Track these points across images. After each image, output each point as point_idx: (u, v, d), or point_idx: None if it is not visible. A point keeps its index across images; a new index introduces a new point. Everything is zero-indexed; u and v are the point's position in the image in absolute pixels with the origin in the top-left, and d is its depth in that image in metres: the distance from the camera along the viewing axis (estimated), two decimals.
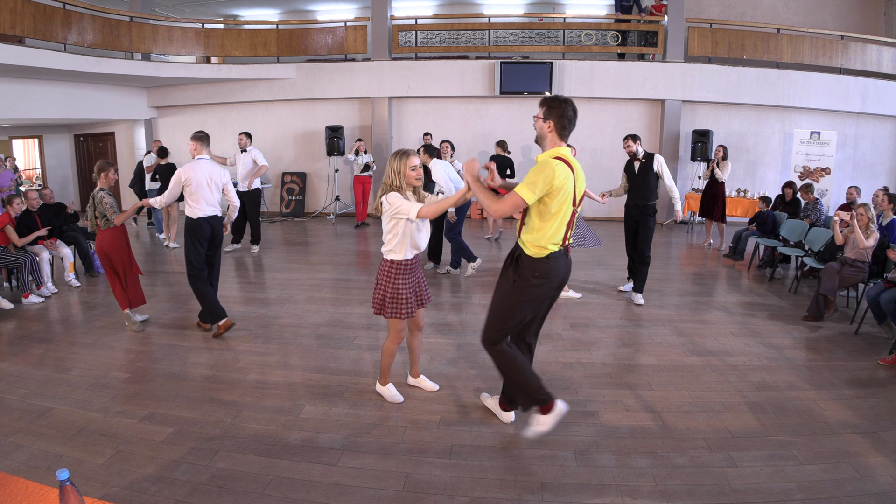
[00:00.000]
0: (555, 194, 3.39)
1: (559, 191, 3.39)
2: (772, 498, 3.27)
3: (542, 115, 3.61)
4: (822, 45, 12.74)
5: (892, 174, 13.34)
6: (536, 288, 3.57)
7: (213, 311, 5.93)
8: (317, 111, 13.97)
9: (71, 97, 12.17)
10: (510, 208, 3.45)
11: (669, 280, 8.14)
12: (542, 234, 3.49)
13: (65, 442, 3.83)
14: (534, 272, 3.54)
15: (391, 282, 4.08)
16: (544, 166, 3.39)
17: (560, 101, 3.59)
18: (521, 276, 3.58)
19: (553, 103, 3.59)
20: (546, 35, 13.16)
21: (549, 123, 3.58)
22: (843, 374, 5.04)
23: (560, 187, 3.38)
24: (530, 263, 3.55)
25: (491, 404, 4.31)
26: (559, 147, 3.57)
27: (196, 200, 5.82)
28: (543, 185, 3.36)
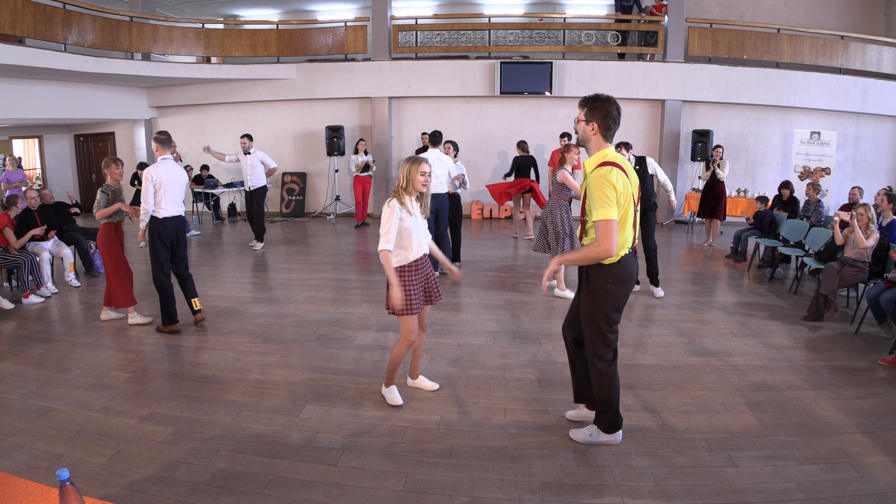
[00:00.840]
0: (619, 200, 3.31)
1: (622, 196, 3.31)
2: (772, 498, 3.27)
3: (583, 116, 3.50)
4: (822, 45, 12.74)
5: (892, 174, 13.35)
6: (614, 293, 3.50)
7: (169, 313, 6.02)
8: (317, 111, 13.98)
9: (71, 97, 12.18)
10: (611, 237, 3.26)
11: (670, 280, 8.14)
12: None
13: (65, 442, 3.83)
14: (608, 278, 3.45)
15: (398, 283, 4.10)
16: (603, 178, 3.28)
17: (602, 101, 3.48)
18: (596, 286, 3.49)
19: (595, 104, 3.48)
20: (546, 35, 13.16)
21: (592, 125, 3.48)
22: (843, 374, 5.03)
23: (622, 193, 3.30)
24: (603, 271, 3.46)
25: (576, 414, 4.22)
26: (605, 149, 3.46)
27: (161, 201, 5.88)
28: (613, 194, 3.27)
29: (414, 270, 4.14)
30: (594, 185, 3.31)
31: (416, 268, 4.15)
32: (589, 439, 3.82)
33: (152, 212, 5.88)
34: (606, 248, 3.26)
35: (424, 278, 4.25)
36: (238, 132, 14.20)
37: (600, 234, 3.28)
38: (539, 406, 4.39)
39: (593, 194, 3.31)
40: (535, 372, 5.00)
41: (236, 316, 6.55)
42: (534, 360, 5.27)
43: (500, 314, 6.58)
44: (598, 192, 3.27)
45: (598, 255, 3.30)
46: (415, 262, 4.13)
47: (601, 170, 3.32)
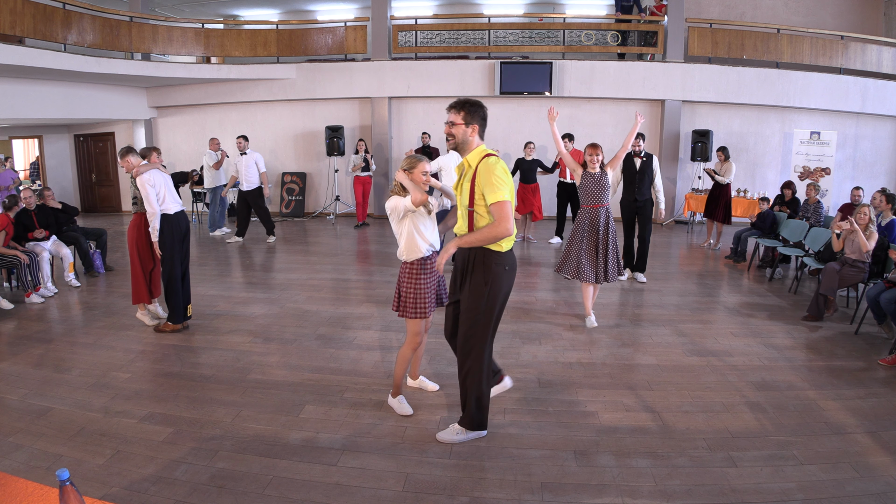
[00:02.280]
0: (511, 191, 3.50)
1: (510, 189, 3.50)
2: (772, 498, 3.28)
3: (462, 119, 3.59)
4: (822, 45, 12.74)
5: (892, 174, 13.34)
6: (508, 281, 3.64)
7: (181, 311, 6.08)
8: (317, 111, 13.97)
9: (71, 97, 12.17)
10: (509, 217, 3.43)
11: (669, 280, 8.14)
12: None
13: (65, 442, 3.83)
14: (504, 266, 3.57)
15: (412, 282, 4.08)
16: (492, 167, 3.46)
17: (479, 106, 3.65)
18: (494, 275, 3.55)
19: (474, 108, 3.62)
20: (546, 35, 13.16)
21: (472, 127, 3.60)
22: (843, 374, 5.04)
23: (509, 181, 3.49)
24: (500, 259, 3.56)
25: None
26: (482, 146, 3.64)
27: (165, 200, 5.93)
28: (502, 180, 3.43)
29: (426, 271, 4.10)
30: (484, 173, 3.46)
31: (428, 268, 4.11)
32: (456, 438, 3.86)
33: (161, 211, 5.88)
34: (507, 227, 3.42)
35: (436, 281, 4.23)
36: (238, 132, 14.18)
37: (498, 215, 3.43)
38: (539, 406, 4.39)
39: (484, 181, 3.45)
40: (535, 372, 5.01)
41: (236, 316, 6.55)
42: (534, 360, 5.27)
43: None
44: (489, 178, 3.43)
45: (498, 234, 3.43)
46: (427, 259, 4.10)
47: (488, 160, 3.51)
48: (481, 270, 3.56)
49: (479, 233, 3.48)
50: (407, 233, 4.01)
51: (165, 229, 5.93)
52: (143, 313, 6.36)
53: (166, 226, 5.93)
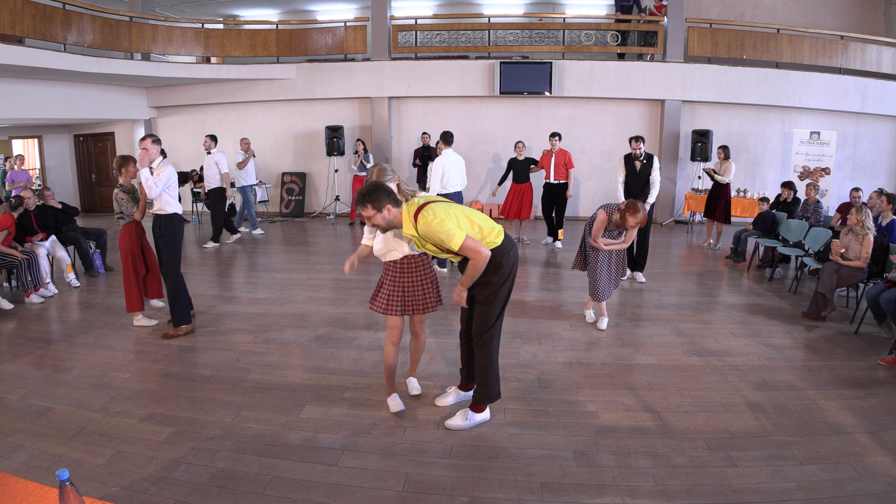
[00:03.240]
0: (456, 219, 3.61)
1: (452, 213, 3.62)
2: (772, 498, 3.28)
3: (373, 210, 3.58)
4: (822, 45, 12.74)
5: (891, 174, 13.34)
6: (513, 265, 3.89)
7: (186, 312, 6.07)
8: (316, 111, 13.97)
9: (71, 97, 12.16)
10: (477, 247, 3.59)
11: (669, 280, 8.14)
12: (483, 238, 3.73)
13: (65, 442, 3.83)
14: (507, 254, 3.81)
15: (384, 277, 4.18)
16: (430, 222, 3.53)
17: (374, 187, 3.61)
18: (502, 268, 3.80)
19: (372, 195, 3.57)
20: (546, 35, 13.16)
21: (386, 209, 3.59)
22: (842, 373, 5.04)
23: (451, 212, 3.62)
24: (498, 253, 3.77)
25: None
26: (405, 206, 3.67)
27: (174, 196, 5.97)
28: (448, 223, 3.54)
29: (399, 272, 4.12)
30: (430, 233, 3.55)
31: (400, 270, 4.12)
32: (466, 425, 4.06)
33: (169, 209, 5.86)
34: (482, 256, 3.61)
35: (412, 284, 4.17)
36: (237, 132, 14.26)
37: (467, 254, 3.61)
38: (539, 406, 4.39)
39: (436, 238, 3.55)
40: (535, 372, 5.01)
41: (236, 316, 6.56)
42: (533, 360, 5.28)
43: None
44: (439, 233, 3.52)
45: (479, 265, 3.65)
46: (396, 262, 4.11)
47: (422, 216, 3.56)
48: (492, 271, 3.77)
49: (468, 273, 3.72)
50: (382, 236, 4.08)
51: (177, 229, 5.93)
52: (140, 318, 6.32)
53: (177, 225, 5.92)
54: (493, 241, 3.74)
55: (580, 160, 13.21)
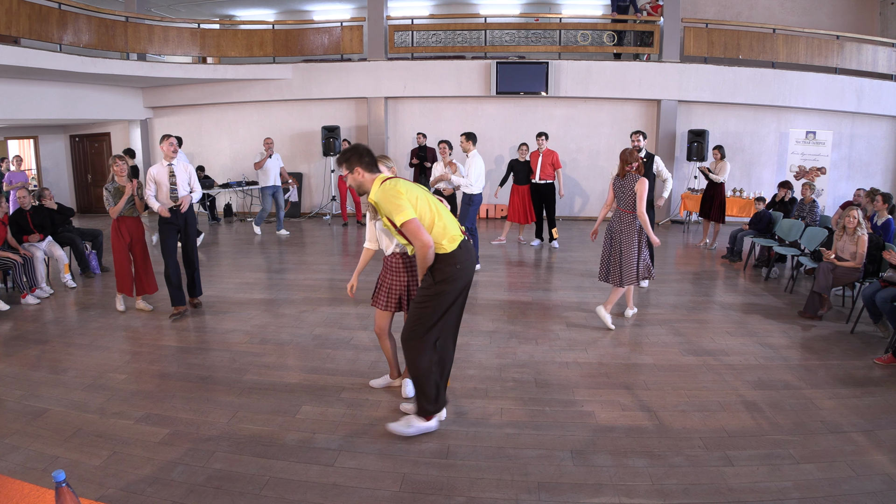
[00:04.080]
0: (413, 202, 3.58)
1: (412, 197, 3.59)
2: (768, 497, 3.28)
3: (346, 171, 3.73)
4: (818, 44, 12.77)
5: (887, 173, 13.38)
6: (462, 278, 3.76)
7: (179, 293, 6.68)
8: (313, 111, 13.97)
9: (66, 98, 12.15)
10: (418, 234, 3.54)
11: (666, 280, 8.15)
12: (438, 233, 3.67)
13: (61, 443, 3.82)
14: (454, 264, 3.70)
15: (385, 274, 4.35)
16: (387, 192, 3.56)
17: (352, 150, 3.74)
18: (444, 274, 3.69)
19: (349, 156, 3.71)
20: (542, 35, 13.18)
21: (356, 171, 3.70)
22: (838, 372, 5.05)
23: (411, 194, 3.60)
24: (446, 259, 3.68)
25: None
26: (378, 176, 3.73)
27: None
28: (403, 199, 3.53)
29: (386, 268, 4.34)
30: (382, 200, 3.58)
31: (387, 266, 4.33)
32: (405, 430, 3.94)
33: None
34: (422, 241, 3.55)
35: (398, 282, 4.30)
36: (234, 132, 14.27)
37: (409, 234, 3.57)
38: (536, 406, 4.40)
39: (385, 207, 3.57)
40: (532, 372, 5.01)
41: (232, 316, 6.55)
42: (530, 359, 5.28)
43: (496, 314, 6.59)
44: (388, 203, 3.54)
45: (421, 252, 3.58)
46: (387, 258, 4.32)
47: (384, 186, 3.61)
48: (432, 271, 3.71)
49: (418, 261, 3.66)
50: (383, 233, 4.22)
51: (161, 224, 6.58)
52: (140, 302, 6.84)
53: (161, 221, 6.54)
54: (445, 245, 3.66)
55: (577, 160, 13.23)
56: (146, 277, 6.79)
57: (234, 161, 14.46)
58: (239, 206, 14.56)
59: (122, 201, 6.45)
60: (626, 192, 6.03)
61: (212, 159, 14.41)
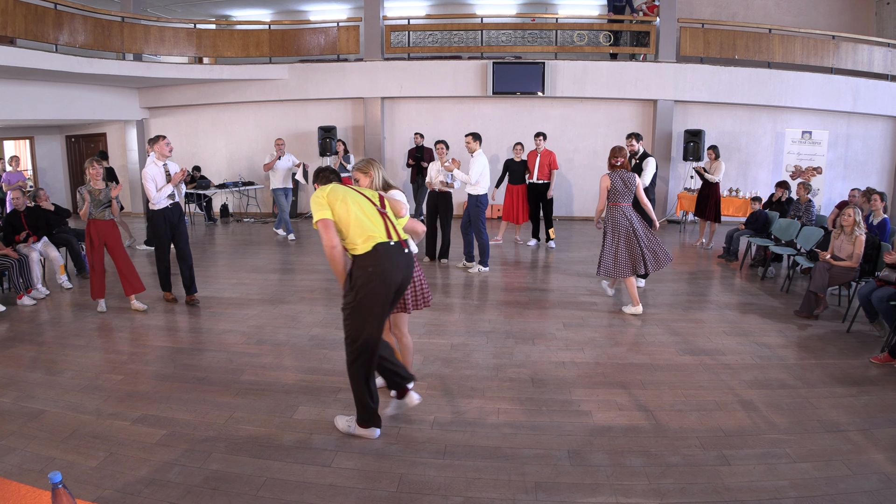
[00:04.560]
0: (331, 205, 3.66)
1: (331, 201, 3.67)
2: (765, 496, 3.29)
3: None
4: (814, 45, 12.81)
5: (883, 173, 13.43)
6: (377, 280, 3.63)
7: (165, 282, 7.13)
8: (309, 112, 13.96)
9: (62, 98, 12.12)
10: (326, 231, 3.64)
11: (662, 279, 8.16)
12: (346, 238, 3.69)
13: (57, 444, 3.81)
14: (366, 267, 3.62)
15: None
16: (321, 191, 3.77)
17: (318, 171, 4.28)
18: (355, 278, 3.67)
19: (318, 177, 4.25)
20: (538, 35, 13.19)
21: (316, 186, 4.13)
22: (835, 372, 5.06)
23: (332, 198, 3.68)
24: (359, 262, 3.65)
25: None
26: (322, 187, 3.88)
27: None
28: (321, 202, 3.68)
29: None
30: (311, 205, 3.77)
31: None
32: (344, 427, 3.98)
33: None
34: (326, 242, 3.63)
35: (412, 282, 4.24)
36: (230, 133, 14.26)
37: (320, 234, 3.67)
38: (533, 406, 4.40)
39: (312, 210, 3.75)
40: (529, 372, 5.01)
41: (229, 317, 6.54)
42: (527, 359, 5.28)
43: (493, 314, 6.59)
44: (312, 207, 3.72)
45: (327, 252, 3.68)
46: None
47: (316, 190, 3.87)
48: (348, 278, 3.70)
49: (329, 262, 3.75)
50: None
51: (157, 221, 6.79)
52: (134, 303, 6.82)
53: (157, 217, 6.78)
54: (359, 246, 3.62)
55: (573, 160, 13.24)
56: (132, 277, 6.80)
57: (231, 161, 14.45)
58: (235, 206, 14.53)
59: (87, 204, 6.53)
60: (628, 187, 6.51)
61: (208, 160, 14.39)
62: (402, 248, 3.72)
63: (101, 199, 6.59)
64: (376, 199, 3.82)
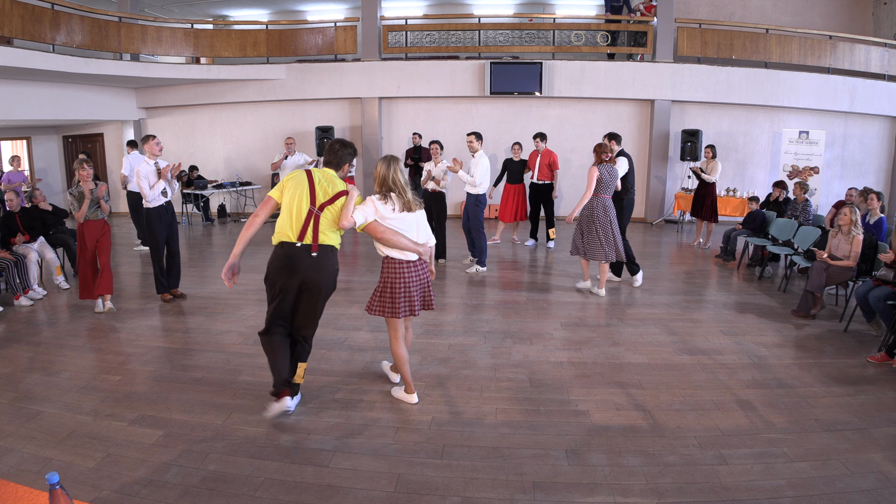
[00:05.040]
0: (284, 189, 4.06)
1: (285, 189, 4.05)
2: (762, 495, 3.29)
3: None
4: (811, 44, 12.82)
5: (880, 173, 13.45)
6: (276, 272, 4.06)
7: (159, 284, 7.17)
8: (306, 112, 13.95)
9: (59, 98, 12.10)
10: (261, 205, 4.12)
11: (659, 279, 8.17)
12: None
13: (55, 445, 3.81)
14: (273, 258, 4.09)
15: (390, 278, 4.16)
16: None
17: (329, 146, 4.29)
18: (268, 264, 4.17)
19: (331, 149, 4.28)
20: (536, 35, 13.19)
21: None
22: (832, 371, 5.07)
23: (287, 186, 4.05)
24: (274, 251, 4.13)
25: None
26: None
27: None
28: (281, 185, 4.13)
29: (411, 270, 4.17)
30: None
31: (413, 268, 4.18)
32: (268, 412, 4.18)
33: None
34: (254, 213, 4.05)
35: (420, 284, 4.24)
36: (228, 133, 14.24)
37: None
38: (530, 406, 4.40)
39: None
40: (527, 372, 5.01)
41: (226, 317, 6.53)
42: (525, 359, 5.28)
43: (491, 314, 6.59)
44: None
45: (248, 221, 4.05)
46: (412, 262, 4.17)
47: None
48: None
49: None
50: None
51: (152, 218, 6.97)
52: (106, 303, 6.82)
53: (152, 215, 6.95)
54: (272, 238, 4.09)
55: (570, 160, 13.23)
56: (108, 278, 6.82)
57: (228, 161, 14.44)
58: (233, 206, 14.52)
59: (84, 205, 6.57)
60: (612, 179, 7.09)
61: (205, 160, 14.37)
62: (308, 251, 3.97)
63: (93, 198, 6.64)
64: (324, 198, 4.02)
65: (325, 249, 4.01)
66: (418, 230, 4.18)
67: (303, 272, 3.95)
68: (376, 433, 3.99)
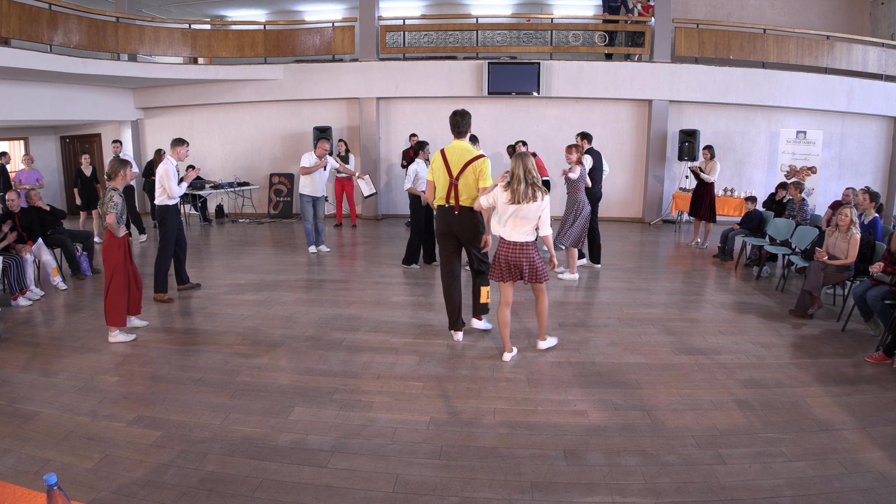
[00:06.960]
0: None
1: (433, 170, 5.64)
2: (760, 495, 3.30)
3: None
4: (808, 45, 12.84)
5: (877, 173, 13.47)
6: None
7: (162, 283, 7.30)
8: (304, 112, 13.94)
9: (57, 98, 12.09)
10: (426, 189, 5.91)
11: (657, 279, 8.17)
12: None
13: (52, 446, 3.80)
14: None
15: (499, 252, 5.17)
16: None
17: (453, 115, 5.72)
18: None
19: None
20: (534, 35, 13.19)
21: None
22: (830, 371, 5.08)
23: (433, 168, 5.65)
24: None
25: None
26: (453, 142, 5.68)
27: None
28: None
29: (503, 245, 5.10)
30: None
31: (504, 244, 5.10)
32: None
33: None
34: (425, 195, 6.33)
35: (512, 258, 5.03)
36: (226, 133, 14.23)
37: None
38: (528, 406, 4.40)
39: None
40: (525, 372, 5.01)
41: (224, 318, 6.53)
42: (523, 359, 5.28)
43: (489, 314, 6.58)
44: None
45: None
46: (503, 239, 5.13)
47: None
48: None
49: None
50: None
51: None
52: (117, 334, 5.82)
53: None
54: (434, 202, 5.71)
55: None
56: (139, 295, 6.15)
57: (226, 162, 14.43)
58: (230, 206, 14.50)
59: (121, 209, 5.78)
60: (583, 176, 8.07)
61: (203, 160, 14.35)
62: (452, 210, 5.50)
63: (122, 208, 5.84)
64: (456, 171, 5.44)
65: (463, 210, 5.47)
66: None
67: (449, 224, 5.55)
68: (374, 433, 3.99)
